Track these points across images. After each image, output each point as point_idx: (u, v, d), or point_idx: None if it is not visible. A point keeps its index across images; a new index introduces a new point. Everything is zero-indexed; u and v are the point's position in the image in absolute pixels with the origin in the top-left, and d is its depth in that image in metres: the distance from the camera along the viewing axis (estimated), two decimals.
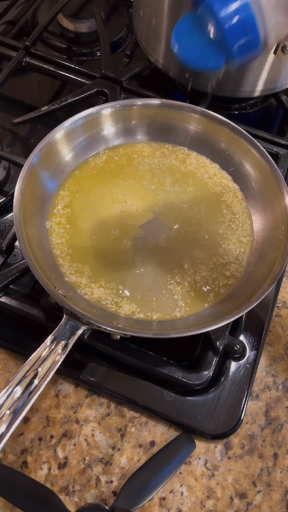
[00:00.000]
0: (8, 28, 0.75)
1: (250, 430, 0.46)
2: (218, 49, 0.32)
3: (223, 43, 0.31)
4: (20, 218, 0.45)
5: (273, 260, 0.47)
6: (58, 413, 0.46)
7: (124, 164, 0.56)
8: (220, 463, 0.45)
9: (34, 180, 0.50)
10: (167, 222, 0.52)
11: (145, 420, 0.46)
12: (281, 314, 0.53)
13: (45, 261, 0.47)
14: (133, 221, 0.52)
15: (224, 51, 0.32)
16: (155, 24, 0.58)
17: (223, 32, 0.30)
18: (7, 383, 0.38)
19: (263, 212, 0.52)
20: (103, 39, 0.68)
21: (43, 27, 0.69)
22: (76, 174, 0.55)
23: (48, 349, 0.40)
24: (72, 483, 0.43)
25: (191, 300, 0.47)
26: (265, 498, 0.44)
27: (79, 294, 0.47)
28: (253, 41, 0.31)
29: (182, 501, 0.43)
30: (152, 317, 0.46)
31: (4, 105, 0.67)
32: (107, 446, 0.45)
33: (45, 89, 0.70)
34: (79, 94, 0.62)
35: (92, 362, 0.47)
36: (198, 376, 0.46)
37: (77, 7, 0.74)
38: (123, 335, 0.43)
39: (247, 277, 0.49)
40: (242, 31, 0.30)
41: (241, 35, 0.31)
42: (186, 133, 0.57)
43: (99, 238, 0.50)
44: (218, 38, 0.31)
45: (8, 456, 0.44)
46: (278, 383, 0.49)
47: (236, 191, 0.55)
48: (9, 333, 0.49)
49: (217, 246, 0.51)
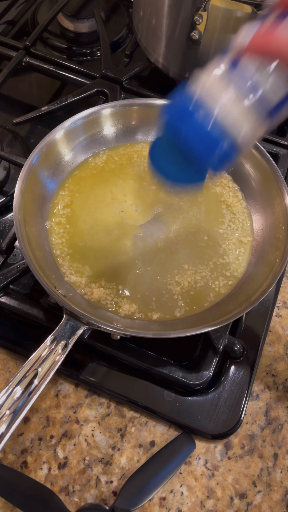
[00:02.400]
0: (8, 28, 0.75)
1: (250, 430, 0.46)
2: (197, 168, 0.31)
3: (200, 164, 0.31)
4: (20, 218, 0.45)
5: (273, 260, 0.47)
6: (58, 413, 0.46)
7: (124, 164, 0.56)
8: (220, 463, 0.45)
9: (34, 180, 0.50)
10: (167, 222, 0.52)
11: (145, 420, 0.46)
12: (281, 314, 0.53)
13: (45, 261, 0.47)
14: (133, 221, 0.52)
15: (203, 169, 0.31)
16: (155, 24, 0.58)
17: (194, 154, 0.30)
18: (7, 383, 0.38)
19: (263, 212, 0.52)
20: (103, 39, 0.68)
21: (43, 27, 0.69)
22: (76, 174, 0.55)
23: (48, 349, 0.40)
24: (72, 483, 0.43)
25: (191, 300, 0.47)
26: (265, 498, 0.44)
27: (79, 294, 0.47)
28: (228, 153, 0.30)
29: (182, 501, 0.43)
30: (152, 317, 0.46)
31: (4, 105, 0.67)
32: (107, 446, 0.45)
33: (45, 89, 0.70)
34: (79, 94, 0.62)
35: (92, 362, 0.47)
36: (198, 376, 0.46)
37: (77, 7, 0.74)
38: (123, 335, 0.43)
39: (247, 277, 0.49)
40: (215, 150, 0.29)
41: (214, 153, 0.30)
42: None
43: (99, 238, 0.50)
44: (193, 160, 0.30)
45: (8, 456, 0.44)
46: (278, 383, 0.49)
47: (236, 191, 0.55)
48: (9, 333, 0.49)
49: (217, 246, 0.51)
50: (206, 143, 0.29)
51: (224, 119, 0.28)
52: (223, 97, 0.28)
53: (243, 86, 0.27)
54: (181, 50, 0.59)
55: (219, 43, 0.54)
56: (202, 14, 0.52)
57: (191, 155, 0.30)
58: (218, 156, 0.30)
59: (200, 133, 0.29)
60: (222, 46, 0.55)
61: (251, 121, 0.28)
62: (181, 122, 0.30)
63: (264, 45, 0.26)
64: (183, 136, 0.30)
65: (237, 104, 0.28)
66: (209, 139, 0.29)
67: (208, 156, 0.30)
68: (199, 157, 0.30)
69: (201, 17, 0.52)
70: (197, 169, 0.32)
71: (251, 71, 0.27)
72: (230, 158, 0.31)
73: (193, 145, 0.29)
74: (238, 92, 0.28)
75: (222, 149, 0.29)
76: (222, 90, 0.28)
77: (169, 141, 0.31)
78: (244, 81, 0.27)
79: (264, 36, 0.26)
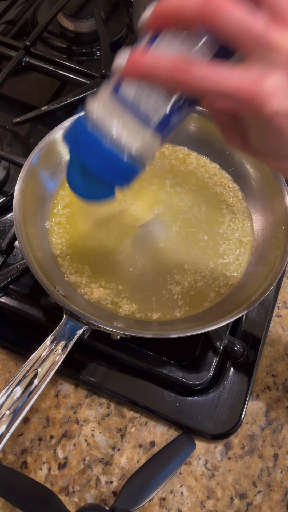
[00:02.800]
0: (8, 28, 0.75)
1: (250, 430, 0.46)
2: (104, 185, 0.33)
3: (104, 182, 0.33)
4: (20, 218, 0.45)
5: (273, 260, 0.47)
6: (58, 413, 0.46)
7: None
8: (220, 463, 0.45)
9: (34, 180, 0.50)
10: (167, 222, 0.52)
11: (145, 420, 0.46)
12: (281, 314, 0.53)
13: (45, 261, 0.47)
14: (133, 221, 0.52)
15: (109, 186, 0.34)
16: None
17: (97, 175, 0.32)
18: (7, 383, 0.38)
19: (263, 212, 0.52)
20: (103, 39, 0.68)
21: (43, 27, 0.69)
22: None
23: (48, 349, 0.40)
24: (72, 484, 0.43)
25: (191, 300, 0.47)
26: (265, 498, 0.44)
27: (79, 294, 0.47)
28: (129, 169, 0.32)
29: (182, 501, 0.43)
30: (152, 317, 0.46)
31: (4, 105, 0.67)
32: (107, 446, 0.45)
33: (45, 89, 0.70)
34: (79, 94, 0.62)
35: (92, 362, 0.47)
36: (198, 376, 0.46)
37: (77, 7, 0.74)
38: (123, 335, 0.43)
39: (247, 277, 0.49)
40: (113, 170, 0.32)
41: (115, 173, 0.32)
42: (186, 133, 0.57)
43: (99, 238, 0.50)
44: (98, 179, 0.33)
45: (8, 456, 0.44)
46: (278, 383, 0.49)
47: (236, 191, 0.55)
48: (9, 333, 0.49)
49: (217, 246, 0.51)
50: (103, 163, 0.31)
51: (115, 138, 0.30)
52: (111, 119, 0.30)
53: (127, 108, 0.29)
54: None
55: None
56: None
57: (95, 175, 0.32)
58: (119, 173, 0.32)
59: (96, 154, 0.31)
60: None
61: (142, 137, 0.30)
62: (78, 147, 0.32)
63: (135, 69, 0.27)
64: (83, 159, 0.32)
65: (126, 124, 0.30)
66: (105, 158, 0.31)
67: (109, 174, 0.32)
68: (101, 176, 0.32)
69: None
70: (105, 186, 0.34)
71: (131, 93, 0.29)
72: (132, 173, 0.33)
73: (93, 166, 0.32)
74: (124, 113, 0.29)
75: (120, 166, 0.31)
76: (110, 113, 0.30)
77: (75, 165, 0.34)
78: (127, 103, 0.29)
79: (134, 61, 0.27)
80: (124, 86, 0.29)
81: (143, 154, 0.31)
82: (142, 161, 0.32)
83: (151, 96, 0.29)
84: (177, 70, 0.26)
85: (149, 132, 0.30)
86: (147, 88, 0.29)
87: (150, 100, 0.29)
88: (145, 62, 0.27)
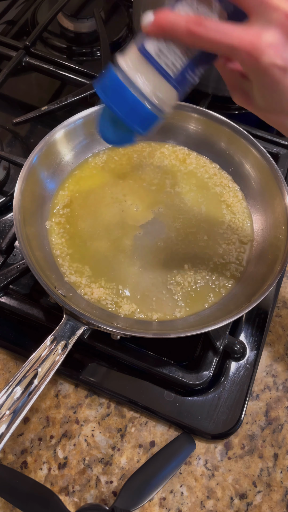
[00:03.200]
0: (8, 28, 0.75)
1: (250, 430, 0.46)
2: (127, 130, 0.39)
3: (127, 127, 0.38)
4: (20, 218, 0.45)
5: (273, 260, 0.47)
6: (58, 413, 0.46)
7: (124, 164, 0.56)
8: (220, 463, 0.45)
9: (34, 180, 0.50)
10: (167, 222, 0.52)
11: (145, 420, 0.46)
12: (281, 314, 0.53)
13: (45, 261, 0.47)
14: (133, 221, 0.52)
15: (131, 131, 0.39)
16: None
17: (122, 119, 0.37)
18: (7, 383, 0.38)
19: (263, 212, 0.52)
20: (103, 39, 0.68)
21: (43, 27, 0.69)
22: (76, 174, 0.55)
23: (48, 349, 0.40)
24: (72, 483, 0.43)
25: (191, 300, 0.47)
26: (265, 498, 0.44)
27: (79, 294, 0.47)
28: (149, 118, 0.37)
29: (182, 501, 0.43)
30: (152, 317, 0.46)
31: (4, 105, 0.67)
32: (107, 446, 0.45)
33: (45, 89, 0.70)
34: (79, 94, 0.62)
35: (92, 362, 0.47)
36: (198, 376, 0.46)
37: (77, 7, 0.74)
38: (123, 335, 0.43)
39: (247, 277, 0.49)
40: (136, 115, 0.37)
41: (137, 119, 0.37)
42: (186, 133, 0.57)
43: (99, 238, 0.50)
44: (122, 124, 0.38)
45: (8, 456, 0.44)
46: (278, 383, 0.49)
47: (236, 191, 0.55)
48: (9, 333, 0.48)
49: (217, 246, 0.51)
50: (128, 108, 0.36)
51: (140, 88, 0.35)
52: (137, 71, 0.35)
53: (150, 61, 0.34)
54: None
55: None
56: None
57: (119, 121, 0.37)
58: (140, 119, 0.37)
59: (122, 100, 0.36)
60: None
61: (162, 88, 0.35)
62: (106, 93, 0.37)
63: (159, 25, 0.33)
64: (110, 104, 0.36)
65: (148, 76, 0.35)
66: (129, 104, 0.36)
67: (131, 119, 0.37)
68: (124, 120, 0.37)
69: None
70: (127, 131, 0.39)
71: (154, 49, 0.34)
72: (152, 120, 0.37)
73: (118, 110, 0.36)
74: (148, 66, 0.34)
75: (142, 112, 0.36)
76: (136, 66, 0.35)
77: (106, 111, 0.39)
78: (150, 58, 0.34)
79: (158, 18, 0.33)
80: (148, 43, 0.34)
81: (162, 105, 0.36)
82: (161, 111, 0.37)
83: (171, 52, 0.34)
84: (193, 23, 0.31)
85: (169, 85, 0.35)
86: (167, 45, 0.33)
87: (170, 55, 0.34)
88: (168, 18, 0.32)
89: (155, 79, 0.35)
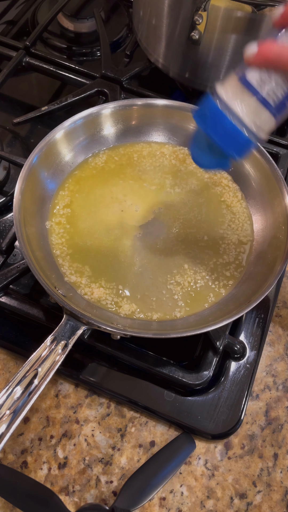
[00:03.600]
0: (8, 28, 0.75)
1: (250, 430, 0.46)
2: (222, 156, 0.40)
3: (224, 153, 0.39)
4: (20, 218, 0.45)
5: (273, 260, 0.47)
6: (58, 413, 0.46)
7: (124, 164, 0.56)
8: (220, 463, 0.45)
9: (34, 180, 0.50)
10: (167, 223, 0.52)
11: (145, 420, 0.46)
12: (281, 314, 0.53)
13: (45, 261, 0.47)
14: (133, 221, 0.52)
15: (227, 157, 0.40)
16: (155, 24, 0.58)
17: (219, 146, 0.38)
18: (7, 383, 0.38)
19: (263, 212, 0.52)
20: (103, 39, 0.68)
21: (43, 27, 0.69)
22: (76, 174, 0.55)
23: (48, 349, 0.40)
24: (72, 483, 0.43)
25: (191, 300, 0.47)
26: (265, 498, 0.44)
27: (79, 294, 0.47)
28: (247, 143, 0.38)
29: (182, 501, 0.43)
30: (152, 317, 0.46)
31: (4, 105, 0.67)
32: (107, 446, 0.45)
33: (45, 89, 0.70)
34: (79, 94, 0.62)
35: (92, 362, 0.47)
36: (198, 376, 0.46)
37: (77, 7, 0.74)
38: (123, 335, 0.43)
39: (247, 277, 0.49)
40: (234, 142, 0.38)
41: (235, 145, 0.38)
42: (186, 133, 0.57)
43: (99, 238, 0.50)
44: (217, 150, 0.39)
45: (8, 456, 0.44)
46: (278, 383, 0.49)
47: (236, 191, 0.55)
48: (9, 333, 0.49)
49: (217, 246, 0.51)
50: (225, 135, 0.37)
51: (239, 116, 0.36)
52: (236, 100, 0.36)
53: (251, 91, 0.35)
54: (181, 50, 0.59)
55: (219, 43, 0.54)
56: (202, 14, 0.52)
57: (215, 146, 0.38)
58: (237, 145, 0.38)
59: (220, 127, 0.37)
60: (222, 46, 0.56)
61: (261, 116, 0.36)
62: (205, 121, 0.38)
63: (264, 56, 0.34)
64: (208, 131, 0.38)
65: (248, 105, 0.36)
66: (227, 131, 0.37)
67: (228, 145, 0.38)
68: (221, 146, 0.38)
69: (201, 17, 0.52)
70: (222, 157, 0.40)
71: (255, 79, 0.35)
72: (248, 146, 0.38)
73: (216, 137, 0.38)
74: (248, 95, 0.36)
75: (239, 139, 0.37)
76: (236, 95, 0.36)
77: (201, 137, 0.40)
78: (251, 87, 0.35)
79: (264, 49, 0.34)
80: (249, 73, 0.35)
81: (260, 132, 0.37)
82: (258, 137, 0.38)
83: (272, 81, 0.35)
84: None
85: (268, 113, 0.36)
86: (269, 75, 0.35)
87: (271, 84, 0.35)
88: (273, 49, 0.34)
89: (255, 107, 0.36)
